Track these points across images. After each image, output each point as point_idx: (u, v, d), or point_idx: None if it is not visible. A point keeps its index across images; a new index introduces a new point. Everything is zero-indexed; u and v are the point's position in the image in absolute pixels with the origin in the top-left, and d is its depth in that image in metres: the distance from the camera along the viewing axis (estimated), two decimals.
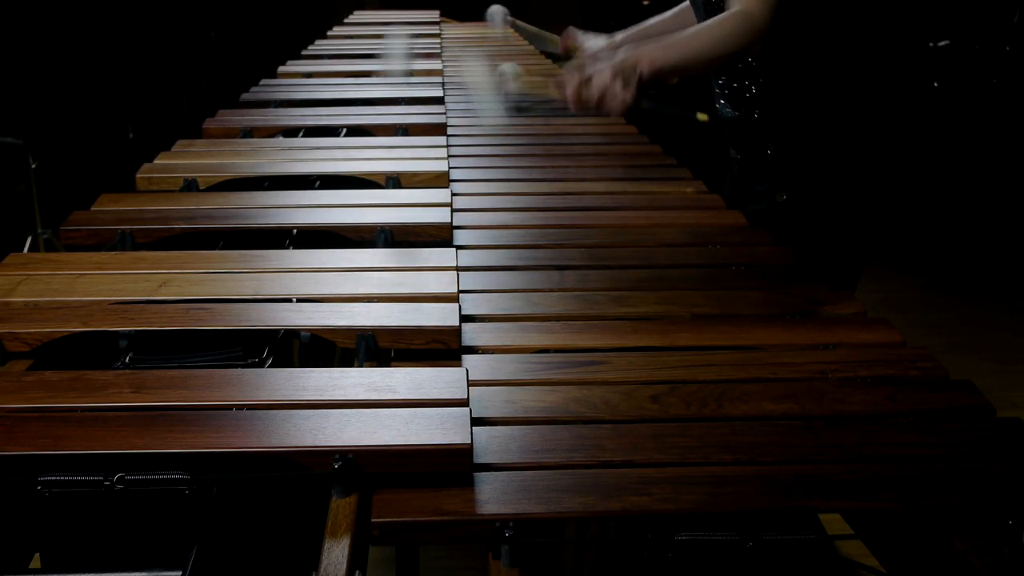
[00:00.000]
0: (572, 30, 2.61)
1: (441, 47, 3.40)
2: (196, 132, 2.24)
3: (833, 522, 1.00)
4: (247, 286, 1.36)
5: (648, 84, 1.55)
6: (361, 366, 1.22)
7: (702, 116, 1.64)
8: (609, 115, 1.63)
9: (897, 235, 4.35)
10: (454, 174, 1.96)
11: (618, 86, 1.52)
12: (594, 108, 1.56)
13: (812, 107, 1.77)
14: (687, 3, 2.21)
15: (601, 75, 1.53)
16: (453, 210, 1.69)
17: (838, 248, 1.85)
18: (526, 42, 3.53)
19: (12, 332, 1.22)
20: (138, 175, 1.88)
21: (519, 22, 3.32)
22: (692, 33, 1.61)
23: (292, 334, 1.28)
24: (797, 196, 1.82)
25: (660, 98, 1.73)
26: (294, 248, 1.59)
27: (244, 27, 5.51)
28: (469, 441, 0.97)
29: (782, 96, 1.78)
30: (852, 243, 1.88)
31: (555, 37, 2.77)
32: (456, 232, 1.65)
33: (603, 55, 1.63)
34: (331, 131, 2.26)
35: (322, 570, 0.87)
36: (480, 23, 3.55)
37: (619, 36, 2.41)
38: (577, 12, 5.77)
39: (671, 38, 1.63)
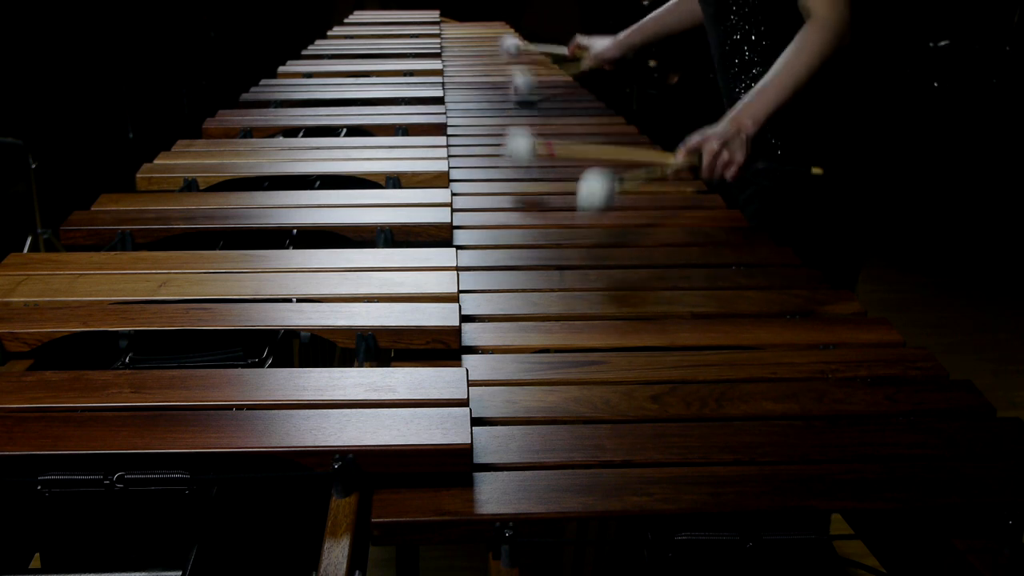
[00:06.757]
0: (579, 36, 2.66)
1: (441, 47, 3.40)
2: (196, 132, 2.24)
3: (833, 522, 1.00)
4: (247, 286, 1.36)
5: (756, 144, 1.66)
6: (361, 366, 1.22)
7: (816, 170, 1.70)
8: (728, 180, 1.69)
9: (898, 234, 4.35)
10: (454, 174, 1.96)
11: (727, 155, 1.62)
12: (717, 177, 1.66)
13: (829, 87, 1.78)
14: None
15: (710, 146, 1.62)
16: (453, 210, 1.69)
17: (846, 235, 1.86)
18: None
19: (12, 332, 1.22)
20: (138, 175, 1.88)
21: (530, 45, 3.29)
22: (780, 69, 1.66)
23: (292, 334, 1.28)
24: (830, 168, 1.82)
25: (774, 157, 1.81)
26: (294, 248, 1.59)
27: (244, 27, 5.52)
28: (469, 441, 0.97)
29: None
30: (862, 229, 1.89)
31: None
32: (456, 232, 1.65)
33: (710, 129, 1.67)
34: (331, 131, 2.26)
35: (322, 570, 0.87)
36: (479, 23, 3.55)
37: (622, 35, 2.45)
38: (577, 12, 5.77)
39: (760, 86, 1.68)
